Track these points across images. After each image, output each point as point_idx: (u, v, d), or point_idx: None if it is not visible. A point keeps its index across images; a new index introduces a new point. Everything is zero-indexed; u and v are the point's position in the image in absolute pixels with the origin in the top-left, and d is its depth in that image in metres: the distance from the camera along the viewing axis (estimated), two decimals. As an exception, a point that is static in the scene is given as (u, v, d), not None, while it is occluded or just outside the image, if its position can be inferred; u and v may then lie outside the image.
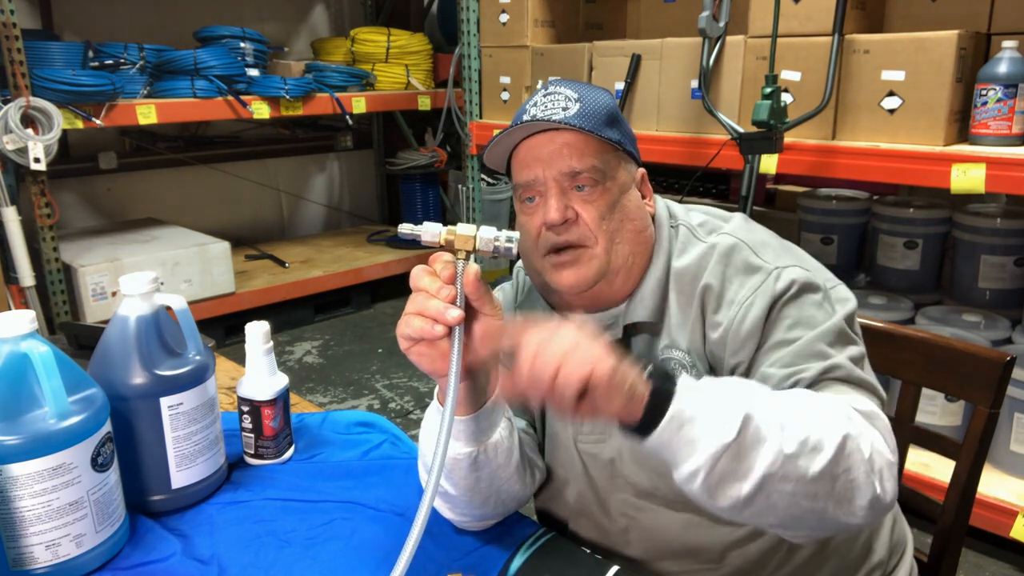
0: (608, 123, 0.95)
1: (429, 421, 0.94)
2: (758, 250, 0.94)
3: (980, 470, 1.09)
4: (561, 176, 0.94)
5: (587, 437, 1.01)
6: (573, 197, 0.94)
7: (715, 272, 0.94)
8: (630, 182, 0.98)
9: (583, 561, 0.95)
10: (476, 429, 0.89)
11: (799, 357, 0.87)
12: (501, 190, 4.36)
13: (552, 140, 0.94)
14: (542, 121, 0.92)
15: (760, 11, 2.32)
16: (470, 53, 3.48)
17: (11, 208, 2.84)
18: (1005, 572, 2.09)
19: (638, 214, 0.98)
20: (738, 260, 0.94)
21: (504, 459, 0.93)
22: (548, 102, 0.95)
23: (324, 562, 0.95)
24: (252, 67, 3.55)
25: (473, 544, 0.98)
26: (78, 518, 0.89)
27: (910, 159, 2.05)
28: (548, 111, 0.94)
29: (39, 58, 2.94)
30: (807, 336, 0.87)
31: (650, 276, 0.98)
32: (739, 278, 0.93)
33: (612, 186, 0.95)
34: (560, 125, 0.92)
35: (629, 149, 0.99)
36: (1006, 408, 2.09)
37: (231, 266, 3.60)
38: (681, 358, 0.95)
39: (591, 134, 0.92)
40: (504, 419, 0.93)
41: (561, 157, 0.93)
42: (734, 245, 0.95)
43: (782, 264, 0.93)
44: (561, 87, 0.97)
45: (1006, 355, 1.06)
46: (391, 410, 3.10)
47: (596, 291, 0.96)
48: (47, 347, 0.88)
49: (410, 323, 0.80)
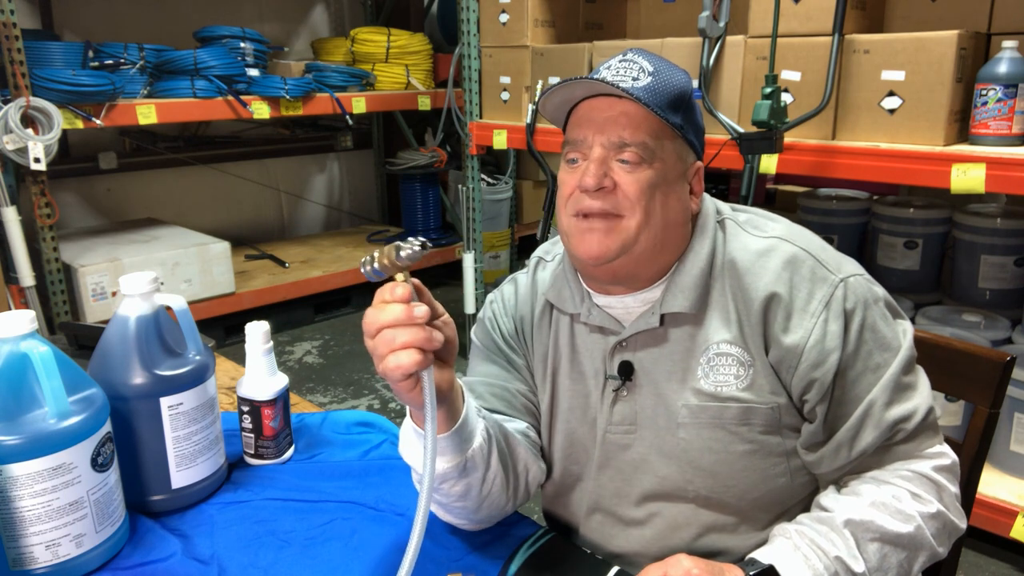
0: (674, 105, 0.92)
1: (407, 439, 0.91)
2: (820, 257, 0.94)
3: (980, 470, 1.09)
4: (609, 143, 0.91)
5: (616, 428, 1.00)
6: (615, 167, 0.91)
7: (782, 281, 0.92)
8: (681, 172, 0.95)
9: (583, 561, 0.95)
10: (459, 440, 0.89)
11: (891, 392, 0.91)
12: (501, 190, 4.36)
13: (612, 106, 0.92)
14: (606, 83, 0.89)
15: (760, 11, 2.32)
16: (470, 53, 3.48)
17: (11, 208, 2.84)
18: (1005, 572, 2.09)
19: (680, 206, 0.94)
20: (804, 270, 0.92)
21: (487, 462, 0.93)
22: (622, 67, 0.93)
23: (324, 562, 0.95)
24: (252, 67, 3.55)
25: (473, 544, 0.98)
26: (78, 518, 0.89)
27: (910, 159, 2.05)
28: (619, 76, 0.92)
29: (39, 58, 2.94)
30: (891, 369, 0.92)
31: (692, 267, 0.95)
32: (807, 288, 0.92)
33: (660, 168, 0.91)
34: (622, 93, 0.89)
35: (691, 138, 0.95)
36: (1006, 408, 2.09)
37: (231, 266, 3.60)
38: (740, 355, 0.94)
39: (651, 111, 0.89)
40: (479, 421, 0.92)
41: (616, 125, 0.91)
42: (797, 254, 0.93)
43: (845, 274, 0.93)
44: (640, 57, 0.94)
45: (1006, 355, 1.06)
46: (391, 410, 3.10)
47: (617, 268, 0.93)
48: (47, 347, 0.88)
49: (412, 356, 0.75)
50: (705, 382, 0.94)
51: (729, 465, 0.95)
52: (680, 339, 0.96)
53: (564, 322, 1.04)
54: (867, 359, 0.91)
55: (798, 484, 0.97)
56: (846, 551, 0.85)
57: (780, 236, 0.96)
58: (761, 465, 0.95)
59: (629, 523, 1.02)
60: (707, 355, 0.95)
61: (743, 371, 0.93)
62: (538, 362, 1.07)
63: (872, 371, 0.91)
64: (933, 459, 0.93)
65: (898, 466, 0.92)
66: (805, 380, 0.91)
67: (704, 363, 0.95)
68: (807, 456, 0.95)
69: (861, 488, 0.91)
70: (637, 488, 1.00)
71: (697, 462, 0.96)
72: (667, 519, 1.00)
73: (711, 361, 0.94)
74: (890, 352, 0.92)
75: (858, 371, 0.91)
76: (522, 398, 1.07)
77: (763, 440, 0.94)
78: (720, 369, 0.94)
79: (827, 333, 0.90)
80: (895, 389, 0.91)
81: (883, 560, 0.87)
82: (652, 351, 0.97)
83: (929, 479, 0.91)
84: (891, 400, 0.91)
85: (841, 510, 0.88)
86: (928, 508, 0.89)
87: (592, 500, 1.04)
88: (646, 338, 0.97)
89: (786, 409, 0.94)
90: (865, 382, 0.91)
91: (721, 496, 0.96)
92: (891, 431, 0.91)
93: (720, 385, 0.94)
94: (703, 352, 0.95)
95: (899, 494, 0.89)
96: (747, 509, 0.97)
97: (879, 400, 0.91)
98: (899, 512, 0.88)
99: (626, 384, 0.99)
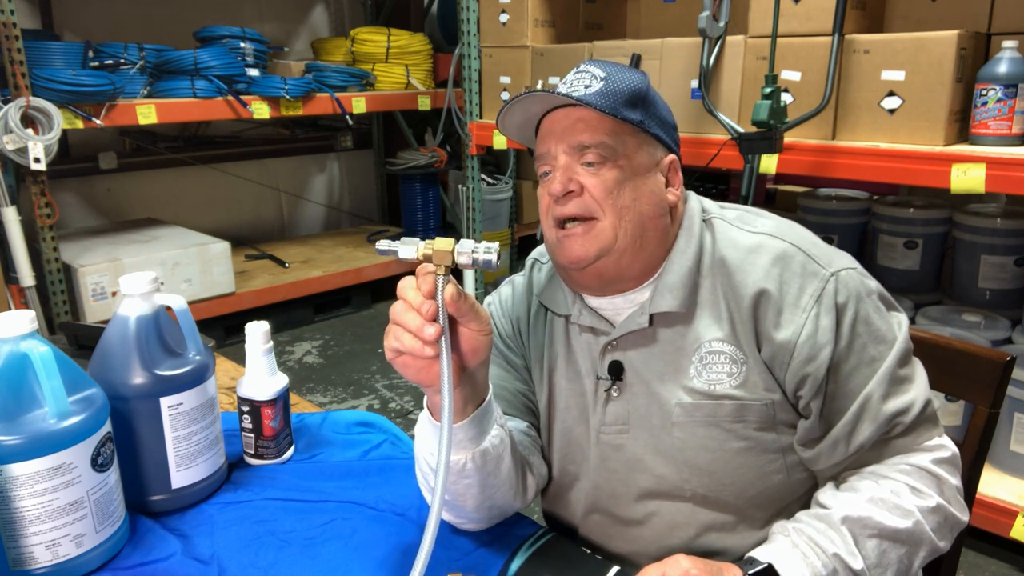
0: (630, 103, 0.93)
1: (421, 430, 0.93)
2: (811, 252, 0.94)
3: (980, 470, 1.09)
4: (571, 149, 0.93)
5: (609, 428, 1.00)
6: (581, 172, 0.93)
7: (771, 277, 0.92)
8: (651, 165, 0.96)
9: (583, 561, 0.95)
10: (463, 437, 0.89)
11: (888, 385, 0.91)
12: (501, 190, 4.36)
13: (568, 115, 0.94)
14: (556, 95, 0.92)
15: (760, 11, 2.32)
16: (470, 53, 3.48)
17: (11, 208, 2.84)
18: (1005, 572, 2.09)
19: (653, 199, 0.95)
20: (795, 265, 0.93)
21: (493, 467, 0.93)
22: (576, 79, 0.95)
23: (324, 562, 0.95)
24: (252, 67, 3.55)
25: (473, 544, 0.98)
26: (78, 518, 0.89)
27: (910, 159, 2.05)
28: (572, 87, 0.94)
29: (39, 58, 2.95)
30: (887, 362, 0.91)
31: (678, 266, 0.96)
32: (797, 284, 0.92)
33: (625, 165, 0.93)
34: (575, 101, 0.91)
35: (655, 132, 0.96)
36: (1006, 408, 2.09)
37: (231, 266, 3.60)
38: (732, 353, 0.94)
39: (603, 112, 0.91)
40: (496, 427, 0.92)
41: (574, 131, 0.93)
42: (787, 249, 0.94)
43: (836, 267, 0.93)
44: (592, 66, 0.96)
45: (1006, 355, 1.06)
46: (391, 410, 3.10)
47: (601, 270, 0.94)
48: (47, 347, 0.88)
49: (401, 339, 0.80)
50: (698, 380, 0.95)
51: (725, 463, 0.95)
52: (671, 338, 0.97)
53: (559, 323, 1.05)
54: (861, 352, 0.91)
55: (795, 481, 0.97)
56: (844, 548, 0.85)
57: (769, 232, 0.96)
58: (757, 462, 0.95)
59: (627, 523, 1.02)
60: (699, 353, 0.95)
61: (736, 369, 0.93)
62: (535, 362, 1.07)
63: (867, 364, 0.91)
64: (933, 452, 0.92)
65: (897, 460, 0.92)
66: (798, 376, 0.91)
67: (696, 362, 0.95)
68: (804, 452, 0.95)
69: (859, 484, 0.91)
70: (634, 488, 1.00)
71: (693, 461, 0.96)
72: (665, 518, 1.00)
73: (703, 360, 0.94)
74: (885, 345, 0.92)
75: (853, 365, 0.91)
76: (522, 398, 1.07)
77: (758, 437, 0.94)
78: (713, 367, 0.94)
79: (819, 328, 0.90)
80: (891, 382, 0.91)
81: (882, 556, 0.87)
82: (643, 351, 0.98)
83: (929, 472, 0.91)
84: (888, 393, 0.91)
85: (839, 507, 0.88)
86: (927, 502, 0.89)
87: (590, 500, 1.04)
88: (636, 338, 0.98)
89: (780, 405, 0.94)
90: (861, 376, 0.91)
91: (718, 494, 0.96)
92: (888, 425, 0.91)
93: (713, 383, 0.94)
94: (695, 351, 0.95)
95: (898, 489, 0.89)
96: (745, 507, 0.97)
97: (875, 393, 0.90)
98: (897, 507, 0.88)
99: (616, 384, 0.99)
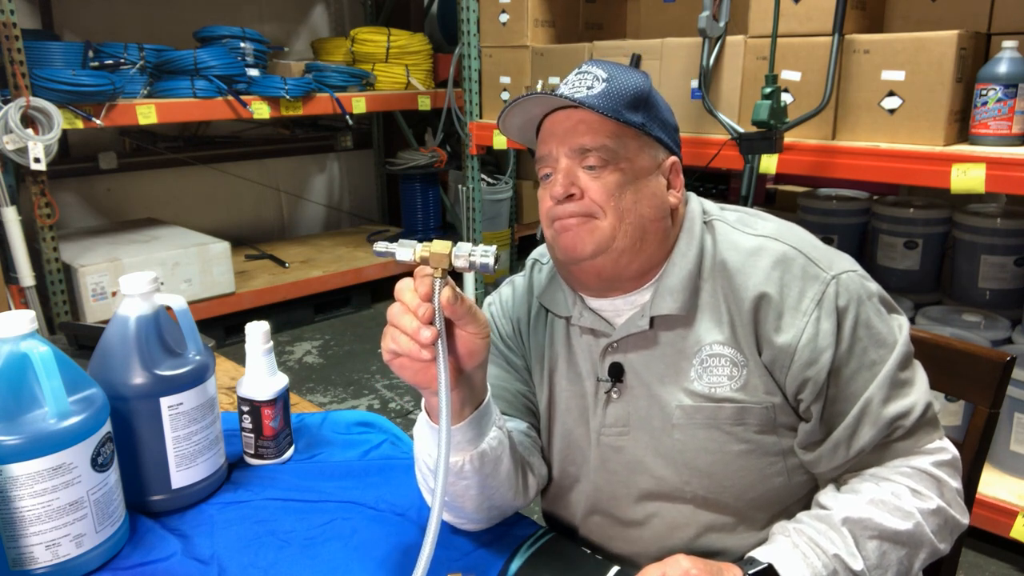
0: (632, 106, 0.93)
1: (420, 431, 0.93)
2: (811, 255, 0.94)
3: (980, 470, 1.09)
4: (572, 152, 0.93)
5: (610, 430, 1.00)
6: (582, 175, 0.93)
7: (772, 280, 0.92)
8: (652, 168, 0.95)
9: (583, 562, 0.95)
10: (461, 439, 0.89)
11: (888, 389, 0.91)
12: (501, 190, 4.36)
13: (569, 117, 0.93)
14: (560, 97, 0.91)
15: (760, 11, 2.32)
16: (470, 53, 3.48)
17: (11, 208, 2.84)
18: (1005, 572, 2.09)
19: (654, 202, 0.94)
20: (795, 268, 0.92)
21: (491, 468, 0.92)
22: (578, 80, 0.94)
23: (324, 562, 0.95)
24: (252, 67, 3.55)
25: (473, 544, 0.98)
26: (78, 518, 0.89)
27: (910, 159, 2.05)
28: (574, 88, 0.93)
29: (39, 58, 2.94)
30: (887, 365, 0.91)
31: (679, 268, 0.95)
32: (798, 287, 0.92)
33: (626, 167, 0.92)
34: (576, 103, 0.90)
35: (657, 135, 0.96)
36: (1006, 408, 2.09)
37: (231, 266, 3.60)
38: (733, 356, 0.93)
39: (605, 115, 0.90)
40: (494, 429, 0.92)
41: (575, 134, 0.92)
42: (787, 252, 0.93)
43: (837, 270, 0.92)
44: (594, 67, 0.95)
45: (1006, 355, 1.06)
46: (391, 410, 3.10)
47: (600, 268, 0.94)
48: (47, 347, 0.88)
49: (397, 340, 0.80)
50: (699, 383, 0.94)
51: (725, 465, 0.95)
52: (671, 341, 0.96)
53: (559, 324, 1.05)
54: (862, 356, 0.91)
55: (796, 483, 0.97)
56: (844, 549, 0.85)
57: (770, 235, 0.96)
58: (757, 465, 0.95)
59: (628, 524, 1.02)
60: (700, 356, 0.95)
61: (736, 372, 0.93)
62: (535, 363, 1.07)
63: (868, 368, 0.91)
64: (933, 454, 0.93)
65: (898, 463, 0.92)
66: (799, 379, 0.91)
67: (697, 364, 0.95)
68: (805, 455, 0.95)
69: (860, 486, 0.91)
70: (634, 489, 1.00)
71: (693, 463, 0.96)
72: (665, 520, 1.00)
73: (704, 362, 0.94)
74: (886, 348, 0.92)
75: (853, 368, 0.91)
76: (523, 398, 1.07)
77: (759, 440, 0.94)
78: (713, 370, 0.94)
79: (819, 331, 0.90)
80: (892, 385, 0.91)
81: (882, 557, 0.87)
82: (643, 353, 0.98)
83: (929, 475, 0.91)
84: (888, 397, 0.91)
85: (839, 508, 0.88)
86: (928, 504, 0.89)
87: (590, 501, 1.04)
88: (636, 340, 0.98)
89: (781, 409, 0.94)
90: (861, 379, 0.91)
91: (719, 496, 0.96)
92: (889, 428, 0.91)
93: (714, 386, 0.94)
94: (696, 353, 0.95)
95: (898, 491, 0.89)
96: (745, 509, 0.97)
97: (876, 397, 0.90)
98: (898, 509, 0.88)
99: (617, 386, 0.99)
